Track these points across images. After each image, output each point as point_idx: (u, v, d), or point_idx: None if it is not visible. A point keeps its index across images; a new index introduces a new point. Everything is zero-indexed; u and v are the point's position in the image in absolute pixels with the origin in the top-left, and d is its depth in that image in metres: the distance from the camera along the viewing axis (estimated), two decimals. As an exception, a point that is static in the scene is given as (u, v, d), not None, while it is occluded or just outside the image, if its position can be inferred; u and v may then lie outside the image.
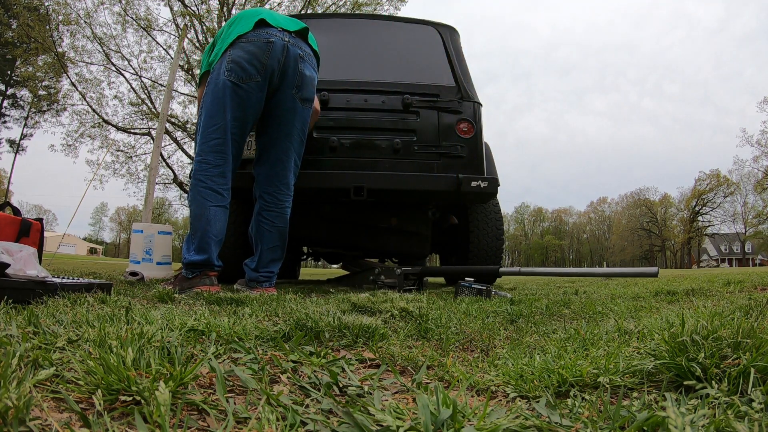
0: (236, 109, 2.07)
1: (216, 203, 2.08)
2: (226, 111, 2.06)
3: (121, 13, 13.44)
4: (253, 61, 2.06)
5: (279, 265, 2.37)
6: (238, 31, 2.10)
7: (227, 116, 2.06)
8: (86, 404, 0.52)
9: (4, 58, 22.02)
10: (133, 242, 3.25)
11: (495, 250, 3.28)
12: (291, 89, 2.17)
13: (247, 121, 2.14)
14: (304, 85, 2.20)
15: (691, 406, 0.54)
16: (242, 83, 2.06)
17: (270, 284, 2.30)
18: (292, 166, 2.30)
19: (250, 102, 2.09)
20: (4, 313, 0.95)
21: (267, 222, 2.27)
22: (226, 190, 2.13)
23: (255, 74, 2.06)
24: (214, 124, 2.06)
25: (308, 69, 2.21)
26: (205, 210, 2.06)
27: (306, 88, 2.22)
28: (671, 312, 1.29)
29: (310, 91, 2.25)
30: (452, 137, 2.85)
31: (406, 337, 1.03)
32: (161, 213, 47.66)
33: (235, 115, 2.08)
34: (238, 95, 2.06)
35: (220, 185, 2.10)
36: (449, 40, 3.11)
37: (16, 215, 2.33)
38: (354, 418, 0.50)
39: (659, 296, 2.24)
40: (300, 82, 2.18)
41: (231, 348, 0.81)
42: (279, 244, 2.32)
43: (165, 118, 7.66)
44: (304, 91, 2.22)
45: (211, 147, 2.07)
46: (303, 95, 2.22)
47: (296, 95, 2.19)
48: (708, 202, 51.08)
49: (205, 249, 2.06)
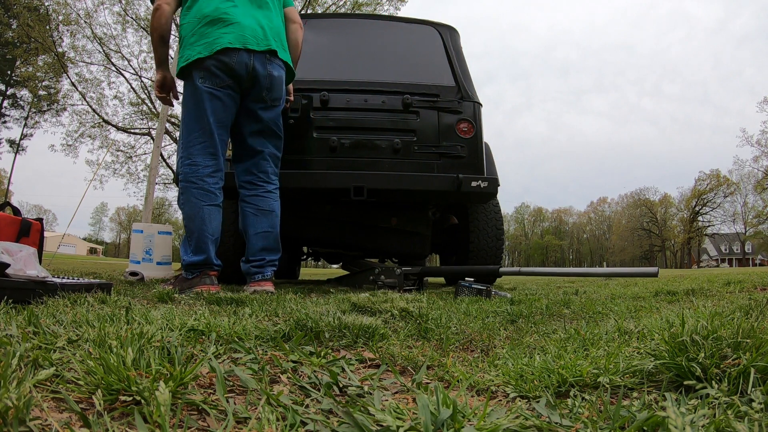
0: (216, 112, 2.13)
1: (209, 202, 2.11)
2: (208, 115, 2.12)
3: (121, 13, 13.44)
4: (222, 67, 2.10)
5: (274, 256, 2.29)
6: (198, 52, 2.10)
7: (210, 119, 2.12)
8: (86, 404, 0.52)
9: (4, 58, 22.01)
10: (133, 242, 3.25)
11: (495, 250, 3.28)
12: (261, 91, 2.20)
13: (226, 124, 2.19)
14: (273, 87, 2.23)
15: (691, 406, 0.54)
16: (216, 89, 2.11)
17: (263, 276, 2.23)
18: (267, 156, 2.32)
19: (226, 105, 2.15)
20: (4, 313, 0.95)
21: (250, 206, 2.27)
22: (218, 190, 2.15)
23: (226, 78, 2.11)
24: (199, 128, 2.13)
25: (276, 69, 2.23)
26: (198, 210, 2.09)
27: (275, 89, 2.24)
28: (671, 312, 1.29)
29: (278, 91, 2.27)
30: (452, 137, 2.85)
31: (406, 337, 1.03)
32: (161, 213, 47.69)
33: (217, 117, 2.13)
34: (215, 99, 2.12)
35: (212, 185, 2.13)
36: (449, 40, 3.11)
37: (16, 215, 2.33)
38: (354, 418, 0.50)
39: (659, 296, 2.24)
40: (269, 83, 2.21)
41: (231, 348, 0.81)
42: (268, 229, 2.26)
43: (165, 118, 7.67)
44: (274, 92, 2.24)
45: (198, 150, 2.13)
46: (272, 96, 2.25)
47: (266, 96, 2.23)
48: (708, 202, 51.07)
49: (203, 249, 2.07)
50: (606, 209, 72.65)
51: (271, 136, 2.33)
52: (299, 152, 2.80)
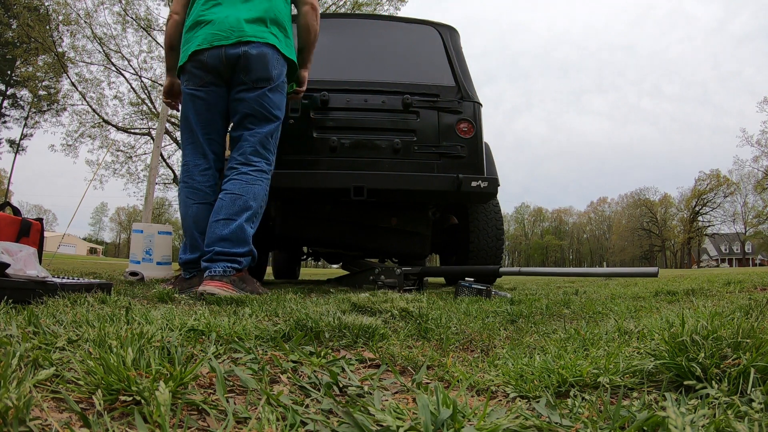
0: (199, 112, 2.13)
1: (198, 200, 2.11)
2: (192, 116, 2.14)
3: (121, 13, 13.45)
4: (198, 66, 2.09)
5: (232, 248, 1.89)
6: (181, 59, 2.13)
7: (192, 120, 2.14)
8: (86, 404, 0.52)
9: (4, 58, 22.01)
10: (133, 242, 3.25)
11: (495, 250, 3.28)
12: (240, 73, 2.07)
13: (213, 121, 2.16)
14: (250, 66, 2.03)
15: (691, 406, 0.54)
16: (197, 89, 2.11)
17: (210, 274, 1.84)
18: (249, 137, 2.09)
19: (209, 102, 2.13)
20: (4, 313, 0.95)
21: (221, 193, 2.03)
22: (209, 187, 2.14)
23: (205, 75, 2.09)
24: (187, 130, 2.16)
25: (254, 48, 2.04)
26: (188, 209, 2.11)
27: (253, 69, 2.04)
28: (671, 312, 1.29)
29: (259, 71, 2.05)
30: (452, 137, 2.85)
31: (406, 337, 1.03)
32: (161, 213, 47.68)
33: (200, 117, 2.14)
34: (197, 100, 2.12)
35: (202, 183, 2.13)
36: (449, 40, 3.11)
37: (16, 215, 2.33)
38: (354, 418, 0.50)
39: (659, 296, 2.24)
40: (246, 63, 2.03)
41: (231, 348, 0.81)
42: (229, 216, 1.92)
43: (165, 118, 7.68)
44: (252, 72, 2.05)
45: (189, 150, 2.16)
46: (252, 76, 2.06)
47: (245, 78, 2.07)
48: (708, 202, 51.07)
49: (197, 247, 2.07)
50: (606, 209, 72.72)
51: (259, 119, 2.11)
52: (299, 152, 2.80)
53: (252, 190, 1.99)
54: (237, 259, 1.90)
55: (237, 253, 1.90)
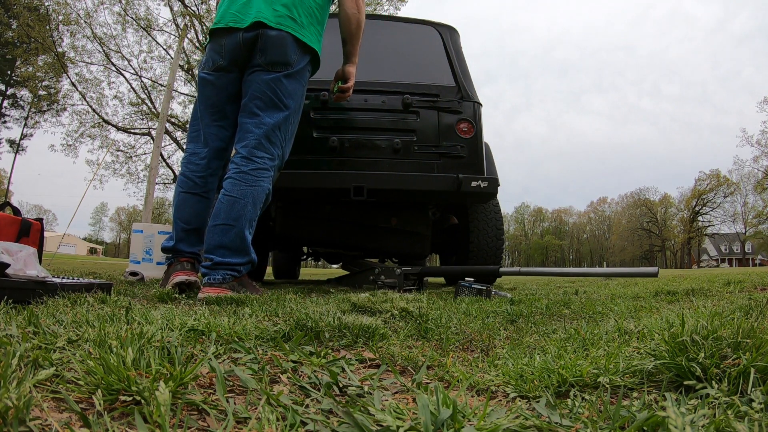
0: (208, 97, 2.08)
1: (185, 189, 2.06)
2: (199, 102, 2.11)
3: (121, 13, 13.46)
4: (215, 47, 2.03)
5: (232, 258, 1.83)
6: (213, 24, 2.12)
7: (199, 106, 2.11)
8: (86, 404, 0.52)
9: (4, 58, 22.01)
10: (133, 242, 3.25)
11: (495, 250, 3.28)
12: (256, 54, 1.97)
13: (220, 107, 2.08)
14: (267, 48, 1.92)
15: (691, 406, 0.54)
16: (209, 73, 2.06)
17: (209, 281, 1.79)
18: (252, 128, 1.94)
19: (218, 86, 2.05)
20: (4, 313, 0.95)
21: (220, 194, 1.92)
22: (199, 177, 2.06)
23: (218, 59, 2.02)
24: (194, 116, 2.14)
25: (273, 30, 1.93)
26: (175, 196, 2.10)
27: (269, 50, 1.93)
28: (671, 312, 1.29)
29: (276, 53, 1.93)
30: (452, 137, 2.85)
31: (406, 337, 1.03)
32: (161, 213, 47.69)
33: (210, 102, 2.07)
34: (207, 85, 2.07)
35: (193, 171, 2.07)
36: (449, 40, 3.11)
37: (16, 215, 2.33)
38: (354, 418, 0.50)
39: (659, 296, 2.24)
40: (263, 44, 1.92)
41: (231, 348, 0.81)
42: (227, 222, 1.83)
43: (165, 118, 7.67)
44: (268, 54, 1.93)
45: (190, 138, 2.14)
46: (268, 58, 1.94)
47: (261, 60, 1.95)
48: (708, 202, 51.09)
49: (174, 236, 2.07)
50: (606, 209, 72.76)
51: (267, 105, 1.95)
52: (299, 152, 2.80)
53: (252, 192, 1.89)
54: (235, 267, 1.85)
55: (237, 263, 1.86)
